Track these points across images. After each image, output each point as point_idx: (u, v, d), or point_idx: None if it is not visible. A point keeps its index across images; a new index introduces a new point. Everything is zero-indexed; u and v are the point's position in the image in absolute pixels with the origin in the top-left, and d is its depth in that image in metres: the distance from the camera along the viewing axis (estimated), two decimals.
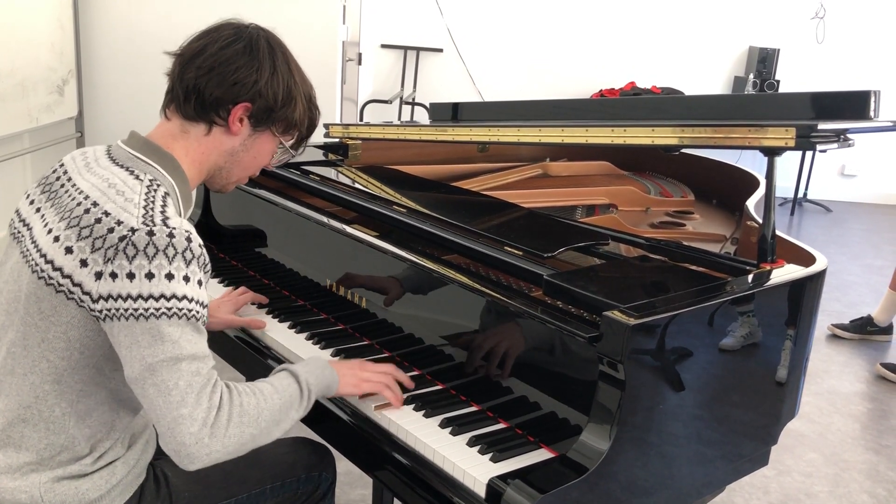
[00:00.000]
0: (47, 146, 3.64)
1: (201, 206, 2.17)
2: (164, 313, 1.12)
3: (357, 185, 1.95)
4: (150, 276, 1.11)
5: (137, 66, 3.76)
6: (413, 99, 6.31)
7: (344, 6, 4.01)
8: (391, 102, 5.90)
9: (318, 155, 2.29)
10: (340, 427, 1.41)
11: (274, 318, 1.72)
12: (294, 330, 1.66)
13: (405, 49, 6.52)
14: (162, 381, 1.12)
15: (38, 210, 1.27)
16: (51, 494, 1.21)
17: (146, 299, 1.11)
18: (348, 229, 1.69)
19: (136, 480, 1.31)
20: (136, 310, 1.11)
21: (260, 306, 1.77)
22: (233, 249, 2.10)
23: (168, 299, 1.12)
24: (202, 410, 1.13)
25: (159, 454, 1.41)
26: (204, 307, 1.18)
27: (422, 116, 6.05)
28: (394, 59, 6.57)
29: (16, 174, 3.53)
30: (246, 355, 1.65)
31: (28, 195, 1.32)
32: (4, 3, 3.11)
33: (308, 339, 1.62)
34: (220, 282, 1.92)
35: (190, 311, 1.14)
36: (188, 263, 1.15)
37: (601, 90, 6.50)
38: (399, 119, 6.13)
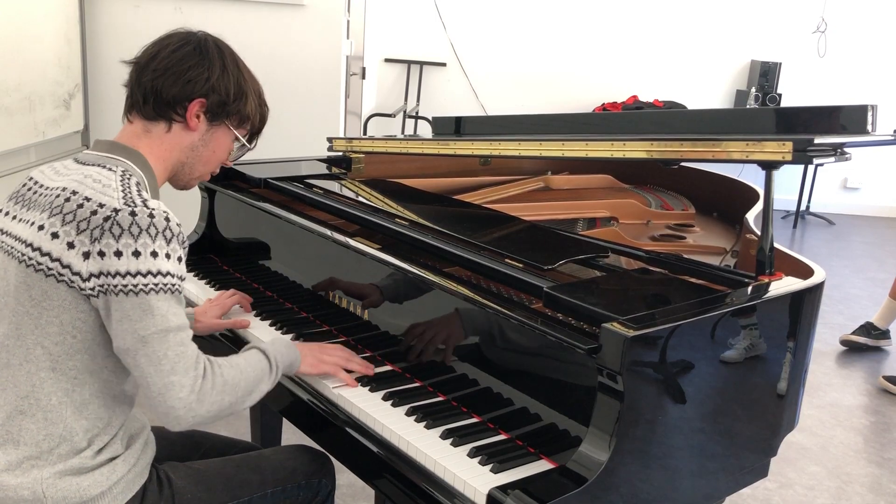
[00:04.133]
0: (53, 160, 3.66)
1: (205, 218, 2.19)
2: (152, 289, 1.20)
3: (360, 199, 1.97)
4: (136, 253, 1.20)
5: None
6: (416, 113, 6.35)
7: (348, 21, 4.04)
8: (395, 116, 5.93)
9: (322, 168, 2.31)
10: (340, 437, 1.42)
11: (277, 329, 1.73)
12: (297, 342, 1.67)
13: (409, 63, 6.56)
14: (153, 351, 1.21)
15: (14, 217, 1.33)
16: (53, 490, 1.24)
17: (134, 276, 1.20)
18: (351, 242, 1.71)
19: (138, 480, 1.34)
20: (125, 286, 1.19)
21: (264, 318, 1.78)
22: (237, 262, 2.11)
23: (155, 275, 1.21)
24: (190, 378, 1.23)
25: (161, 457, 1.44)
26: (183, 280, 1.27)
27: (425, 130, 6.08)
28: (397, 73, 6.61)
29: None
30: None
31: (1, 209, 1.38)
32: (12, 19, 3.14)
33: None
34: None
35: (174, 285, 1.24)
36: (169, 241, 1.24)
37: (603, 104, 6.53)
38: (402, 133, 6.16)
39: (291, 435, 2.19)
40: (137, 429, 1.38)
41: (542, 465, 1.26)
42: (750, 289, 1.46)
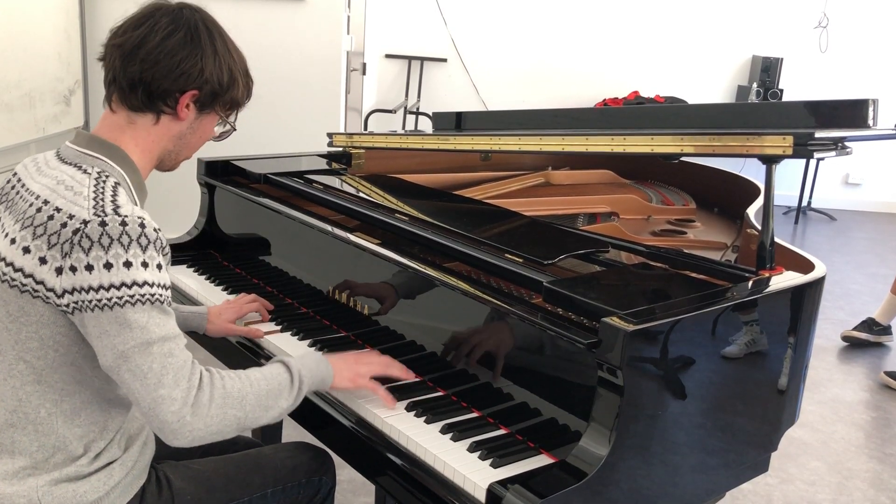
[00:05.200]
0: None
1: (205, 214, 2.18)
2: (127, 301, 1.14)
3: (360, 194, 1.97)
4: (108, 266, 1.14)
5: None
6: (417, 108, 6.34)
7: (348, 16, 4.03)
8: (395, 112, 5.92)
9: (322, 164, 2.31)
10: (342, 433, 1.42)
11: (277, 325, 1.73)
12: (297, 337, 1.67)
13: (409, 59, 6.55)
14: (136, 366, 1.15)
15: None
16: (49, 498, 1.22)
17: (108, 289, 1.14)
18: (351, 237, 1.71)
19: (136, 482, 1.32)
20: (99, 300, 1.14)
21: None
22: (236, 257, 2.11)
23: (129, 287, 1.14)
24: (181, 391, 1.16)
25: (160, 457, 1.42)
26: (166, 289, 1.20)
27: (426, 126, 6.08)
28: (398, 68, 6.60)
29: None
30: (248, 361, 1.66)
31: None
32: (12, 16, 3.14)
33: (311, 346, 1.64)
34: (224, 289, 1.93)
35: (153, 295, 1.16)
36: (144, 249, 1.16)
37: (605, 99, 6.52)
38: (403, 128, 6.16)
39: (292, 430, 2.19)
40: (136, 429, 1.36)
41: (542, 460, 1.26)
42: (750, 283, 1.46)
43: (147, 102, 1.28)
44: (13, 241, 1.20)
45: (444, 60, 6.59)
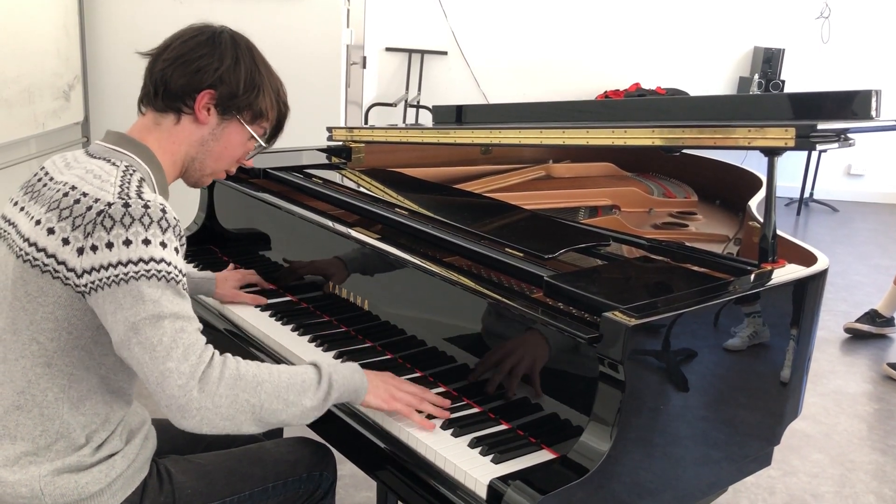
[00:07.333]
0: (54, 151, 3.65)
1: (205, 209, 2.18)
2: (143, 275, 1.16)
3: (360, 188, 1.96)
4: (127, 242, 1.17)
5: (143, 72, 3.76)
6: (417, 102, 6.32)
7: (348, 10, 4.02)
8: (396, 105, 5.91)
9: (322, 158, 2.30)
10: (341, 428, 1.41)
11: (277, 320, 1.73)
12: (297, 332, 1.67)
13: (409, 52, 6.53)
14: (146, 338, 1.15)
15: (22, 209, 1.32)
16: (51, 487, 1.23)
17: (125, 264, 1.16)
18: (351, 232, 1.70)
19: (138, 475, 1.33)
20: (116, 276, 1.16)
21: (264, 309, 1.78)
22: (236, 252, 2.11)
23: (146, 262, 1.17)
24: (189, 365, 1.15)
25: (162, 451, 1.43)
26: (182, 273, 1.21)
27: (426, 119, 6.06)
28: (398, 62, 6.58)
29: (23, 179, 3.55)
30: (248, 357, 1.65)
31: (12, 199, 1.37)
32: (10, 10, 3.13)
33: (311, 341, 1.63)
34: None
35: (168, 273, 1.18)
36: (164, 231, 1.20)
37: (606, 91, 6.50)
38: (404, 122, 6.14)
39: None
40: (138, 423, 1.37)
41: (544, 456, 1.26)
42: (753, 276, 1.45)
43: (168, 102, 1.34)
44: (38, 222, 1.24)
45: (445, 53, 6.58)
